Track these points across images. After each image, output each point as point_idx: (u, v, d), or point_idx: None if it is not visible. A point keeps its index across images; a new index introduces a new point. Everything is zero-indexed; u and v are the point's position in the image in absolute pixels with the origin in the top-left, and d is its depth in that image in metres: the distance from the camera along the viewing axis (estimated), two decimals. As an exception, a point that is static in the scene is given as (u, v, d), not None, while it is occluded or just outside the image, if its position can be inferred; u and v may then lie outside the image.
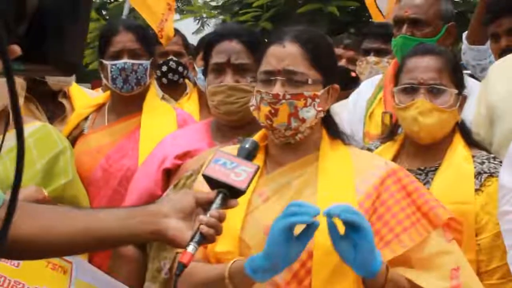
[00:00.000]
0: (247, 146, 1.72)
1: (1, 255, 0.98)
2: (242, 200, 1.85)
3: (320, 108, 2.00)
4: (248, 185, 1.62)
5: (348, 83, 3.92)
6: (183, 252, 1.53)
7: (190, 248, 1.52)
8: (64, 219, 1.54)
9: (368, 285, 1.87)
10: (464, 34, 3.90)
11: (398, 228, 1.94)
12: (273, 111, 1.96)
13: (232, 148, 2.11)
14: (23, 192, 2.58)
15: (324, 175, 1.98)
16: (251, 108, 2.04)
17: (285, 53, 1.98)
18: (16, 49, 0.87)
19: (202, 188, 1.97)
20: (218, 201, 1.58)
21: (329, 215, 1.76)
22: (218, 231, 1.55)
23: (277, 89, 1.96)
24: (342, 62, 3.94)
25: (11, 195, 0.86)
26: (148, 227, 1.53)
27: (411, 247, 1.93)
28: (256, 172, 1.65)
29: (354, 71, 3.96)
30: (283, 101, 1.96)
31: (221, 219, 1.56)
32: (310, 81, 1.97)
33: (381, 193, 1.97)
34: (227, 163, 1.64)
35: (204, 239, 1.53)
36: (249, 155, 1.70)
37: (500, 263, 2.30)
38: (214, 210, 1.56)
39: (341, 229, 1.80)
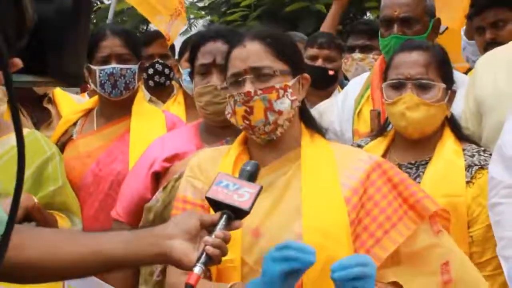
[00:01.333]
0: (248, 168, 1.70)
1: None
2: None
3: (294, 97, 1.99)
4: (252, 206, 1.61)
5: (327, 82, 3.94)
6: (190, 274, 1.52)
7: (197, 269, 1.51)
8: (69, 243, 1.54)
9: None
10: (462, 30, 3.91)
11: (387, 224, 1.93)
12: (248, 109, 1.97)
13: (213, 150, 2.12)
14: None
15: (307, 172, 1.97)
16: (228, 116, 2.04)
17: (247, 52, 1.99)
18: (18, 62, 0.87)
19: (184, 193, 1.99)
20: (222, 222, 1.58)
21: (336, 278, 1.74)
22: (223, 251, 1.55)
23: (247, 87, 1.96)
24: (319, 62, 3.94)
25: (9, 216, 0.86)
26: (153, 249, 1.53)
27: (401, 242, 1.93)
28: (259, 193, 1.64)
29: (332, 69, 3.98)
30: (256, 97, 1.96)
31: (226, 240, 1.55)
32: (277, 72, 1.98)
33: (367, 188, 1.96)
34: (230, 185, 1.64)
35: (210, 260, 1.53)
36: (251, 177, 1.69)
37: (492, 255, 2.31)
38: (219, 231, 1.55)
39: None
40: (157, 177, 2.53)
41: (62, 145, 3.02)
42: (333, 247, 1.86)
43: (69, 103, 3.60)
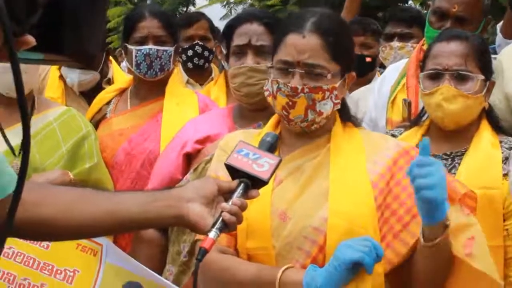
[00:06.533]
0: (268, 139, 1.72)
1: (8, 235, 0.99)
2: (266, 195, 1.85)
3: (337, 101, 1.98)
4: (271, 177, 1.62)
5: (365, 69, 3.90)
6: (205, 238, 1.54)
7: (212, 234, 1.52)
8: (86, 202, 1.54)
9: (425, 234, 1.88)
10: (499, 26, 3.80)
11: (415, 209, 1.91)
12: (290, 103, 1.94)
13: (243, 132, 2.12)
14: (49, 175, 2.63)
15: (336, 158, 1.97)
16: (266, 93, 2.02)
17: (305, 45, 1.93)
18: (30, 39, 0.86)
19: (216, 172, 1.99)
20: (240, 190, 1.58)
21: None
22: (239, 219, 1.56)
23: (296, 82, 1.93)
24: (355, 50, 3.89)
25: (18, 178, 0.86)
26: (170, 211, 1.53)
27: None
28: (278, 164, 1.65)
29: (368, 56, 3.93)
30: (301, 94, 1.93)
31: (243, 207, 1.56)
32: (329, 75, 1.94)
33: (395, 173, 1.95)
34: (250, 153, 1.64)
35: (226, 227, 1.54)
36: (271, 148, 1.70)
37: (528, 249, 2.29)
38: (236, 198, 1.56)
39: None
40: (189, 159, 2.55)
41: (95, 123, 3.07)
42: (359, 232, 1.86)
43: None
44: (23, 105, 0.84)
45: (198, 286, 1.59)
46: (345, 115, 2.07)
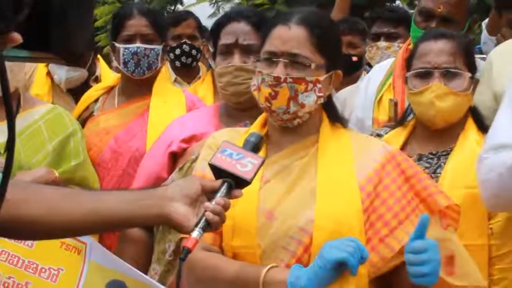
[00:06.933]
0: (252, 139, 1.72)
1: None
2: (253, 194, 1.85)
3: (321, 94, 1.97)
4: (254, 176, 1.63)
5: (351, 68, 3.92)
6: (188, 238, 1.54)
7: (195, 234, 1.53)
8: (71, 201, 1.55)
9: None
10: (484, 24, 3.82)
11: (402, 214, 1.94)
12: (273, 93, 1.95)
13: (230, 130, 2.12)
14: (34, 173, 2.62)
15: (324, 158, 1.97)
16: (252, 88, 2.03)
17: (290, 35, 1.95)
18: (16, 37, 0.86)
19: (203, 171, 1.98)
20: (223, 189, 1.59)
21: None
22: (222, 218, 1.56)
23: (279, 71, 1.94)
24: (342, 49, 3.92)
25: (2, 176, 0.86)
26: (154, 211, 1.54)
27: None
28: (261, 164, 1.65)
29: (355, 55, 3.95)
30: (284, 84, 1.94)
31: (226, 207, 1.57)
32: (313, 66, 1.95)
33: (383, 178, 1.96)
34: (233, 154, 1.65)
35: (209, 226, 1.54)
36: (255, 148, 1.70)
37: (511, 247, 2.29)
38: (219, 198, 1.57)
39: None
40: (175, 158, 2.54)
41: (82, 121, 3.06)
42: (345, 233, 1.87)
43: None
44: (9, 103, 0.84)
45: (183, 285, 1.58)
46: (333, 115, 2.07)
